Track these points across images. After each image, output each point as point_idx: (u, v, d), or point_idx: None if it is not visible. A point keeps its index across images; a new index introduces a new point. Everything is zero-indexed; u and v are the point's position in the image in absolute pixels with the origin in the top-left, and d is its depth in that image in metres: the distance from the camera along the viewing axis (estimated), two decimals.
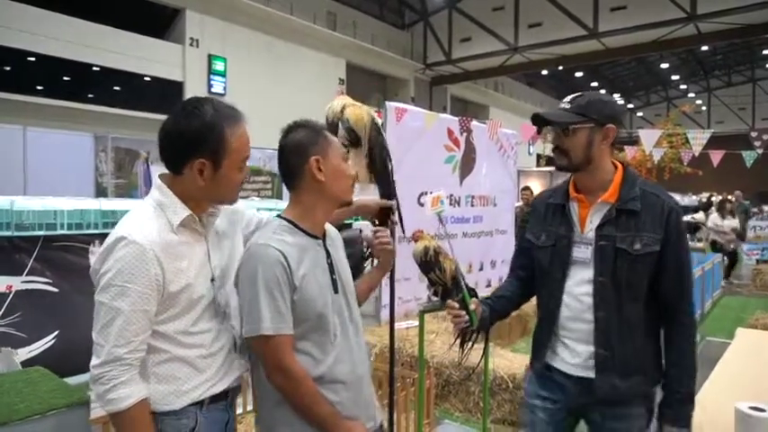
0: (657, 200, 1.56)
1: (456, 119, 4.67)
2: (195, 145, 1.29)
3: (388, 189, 2.05)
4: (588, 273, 1.58)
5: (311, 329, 1.41)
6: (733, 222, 9.03)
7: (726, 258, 9.11)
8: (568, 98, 1.64)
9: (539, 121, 1.65)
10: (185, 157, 1.30)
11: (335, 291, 1.48)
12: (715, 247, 9.17)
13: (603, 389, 1.56)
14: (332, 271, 1.49)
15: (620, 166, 1.64)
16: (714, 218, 9.36)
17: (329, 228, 1.58)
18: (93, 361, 1.21)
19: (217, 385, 1.37)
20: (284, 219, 1.47)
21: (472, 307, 1.73)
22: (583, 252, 1.60)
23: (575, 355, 1.62)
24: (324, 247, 1.50)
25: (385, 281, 2.13)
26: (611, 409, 1.59)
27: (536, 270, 1.75)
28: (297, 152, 1.45)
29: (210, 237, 1.43)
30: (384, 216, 1.92)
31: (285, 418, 1.40)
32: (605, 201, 1.58)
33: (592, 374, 1.58)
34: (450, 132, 4.60)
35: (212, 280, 1.38)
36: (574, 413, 1.69)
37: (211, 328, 1.37)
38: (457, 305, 1.73)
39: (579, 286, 1.60)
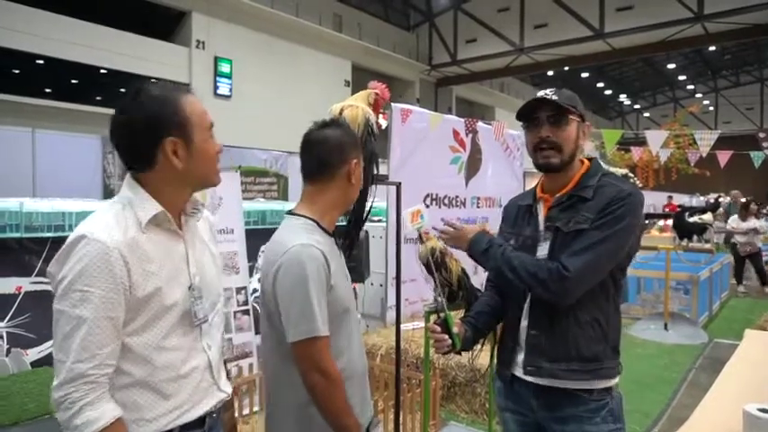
0: (613, 188, 1.48)
1: (461, 120, 4.66)
2: (159, 125, 1.17)
3: (361, 193, 2.06)
4: None
5: (337, 326, 1.42)
6: (752, 224, 8.63)
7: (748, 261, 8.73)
8: (548, 90, 1.55)
9: (537, 105, 1.54)
10: (154, 143, 1.17)
11: (350, 286, 1.54)
12: (735, 249, 8.86)
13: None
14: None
15: (586, 161, 1.61)
16: (733, 219, 9.00)
17: None
18: (54, 381, 1.05)
19: (189, 412, 1.20)
20: (306, 217, 1.45)
21: (455, 330, 1.64)
22: (543, 249, 1.55)
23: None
24: (336, 244, 1.53)
25: (391, 282, 2.13)
26: (570, 426, 1.51)
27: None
28: (340, 150, 1.45)
29: (191, 240, 1.29)
30: None
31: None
32: (563, 195, 1.56)
33: (548, 383, 1.52)
34: (455, 133, 4.60)
35: (190, 288, 1.23)
36: (543, 429, 1.60)
37: (183, 346, 1.21)
38: (438, 328, 1.64)
39: None
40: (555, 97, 1.52)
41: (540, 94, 1.56)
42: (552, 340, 1.50)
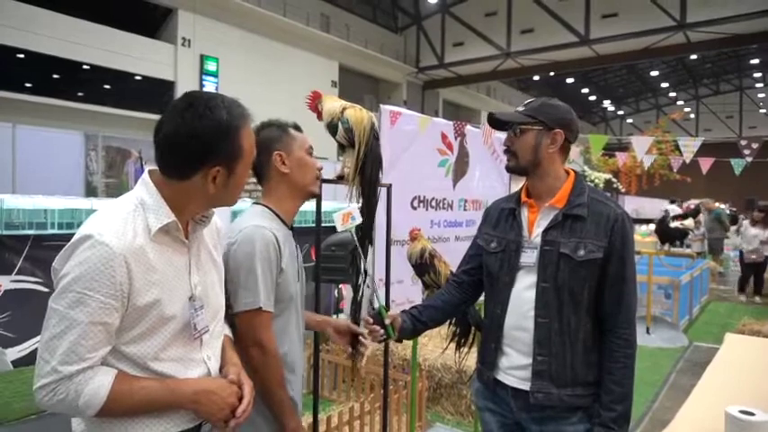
0: (604, 207, 1.55)
1: (450, 123, 4.68)
2: (211, 151, 1.13)
3: (370, 199, 2.06)
4: (533, 278, 1.57)
5: (281, 311, 1.50)
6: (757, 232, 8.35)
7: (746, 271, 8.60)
8: (525, 102, 1.68)
9: (493, 121, 1.70)
10: (198, 165, 1.13)
11: (297, 280, 1.59)
12: (741, 256, 8.67)
13: (537, 396, 1.53)
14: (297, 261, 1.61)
15: (571, 173, 1.65)
16: (744, 226, 8.72)
17: None
18: (36, 381, 1.02)
19: (186, 421, 1.17)
20: (266, 206, 1.56)
21: (387, 321, 1.71)
22: (529, 257, 1.59)
23: (515, 366, 1.59)
24: (293, 238, 1.61)
25: (378, 284, 2.14)
26: (549, 426, 1.55)
27: (484, 277, 1.73)
28: (262, 149, 1.52)
29: (195, 249, 1.24)
30: (354, 339, 1.78)
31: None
32: (552, 205, 1.59)
33: (528, 386, 1.55)
34: (443, 136, 4.61)
35: (191, 298, 1.19)
36: (521, 428, 1.64)
37: (182, 357, 1.18)
38: (371, 320, 1.71)
39: (524, 292, 1.58)
40: (522, 108, 1.64)
41: (521, 104, 1.68)
42: (560, 366, 1.53)
